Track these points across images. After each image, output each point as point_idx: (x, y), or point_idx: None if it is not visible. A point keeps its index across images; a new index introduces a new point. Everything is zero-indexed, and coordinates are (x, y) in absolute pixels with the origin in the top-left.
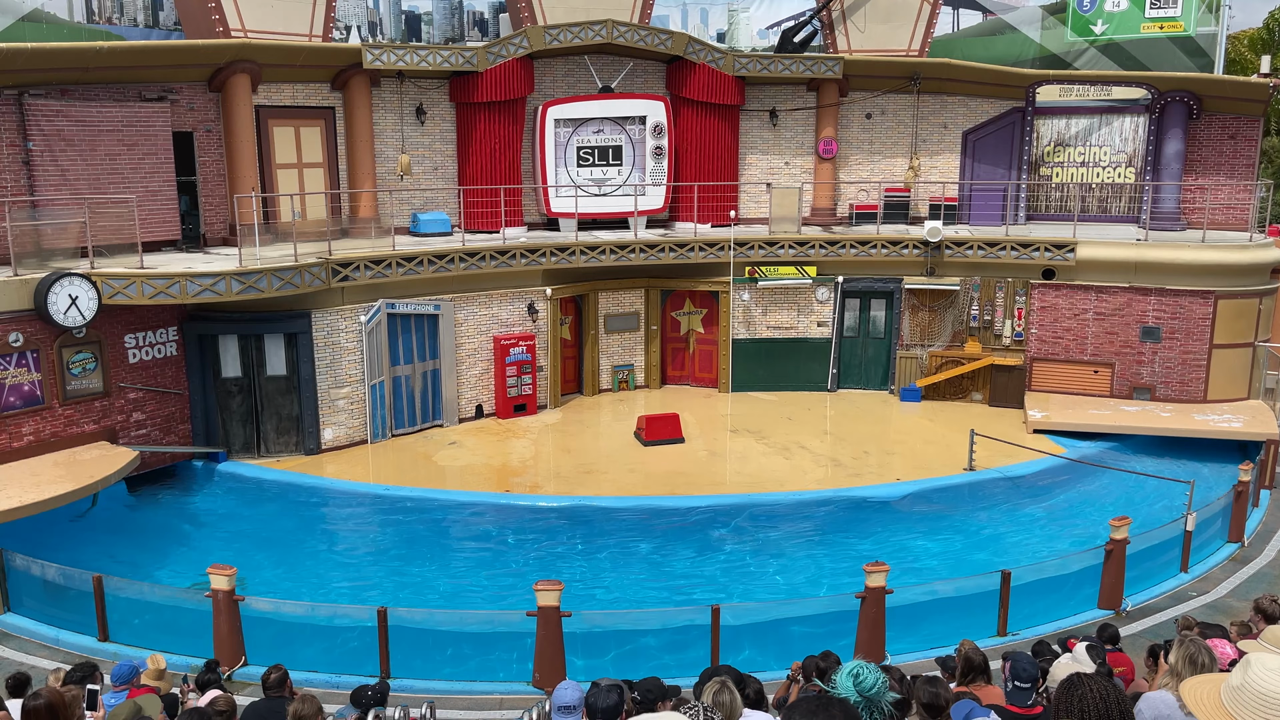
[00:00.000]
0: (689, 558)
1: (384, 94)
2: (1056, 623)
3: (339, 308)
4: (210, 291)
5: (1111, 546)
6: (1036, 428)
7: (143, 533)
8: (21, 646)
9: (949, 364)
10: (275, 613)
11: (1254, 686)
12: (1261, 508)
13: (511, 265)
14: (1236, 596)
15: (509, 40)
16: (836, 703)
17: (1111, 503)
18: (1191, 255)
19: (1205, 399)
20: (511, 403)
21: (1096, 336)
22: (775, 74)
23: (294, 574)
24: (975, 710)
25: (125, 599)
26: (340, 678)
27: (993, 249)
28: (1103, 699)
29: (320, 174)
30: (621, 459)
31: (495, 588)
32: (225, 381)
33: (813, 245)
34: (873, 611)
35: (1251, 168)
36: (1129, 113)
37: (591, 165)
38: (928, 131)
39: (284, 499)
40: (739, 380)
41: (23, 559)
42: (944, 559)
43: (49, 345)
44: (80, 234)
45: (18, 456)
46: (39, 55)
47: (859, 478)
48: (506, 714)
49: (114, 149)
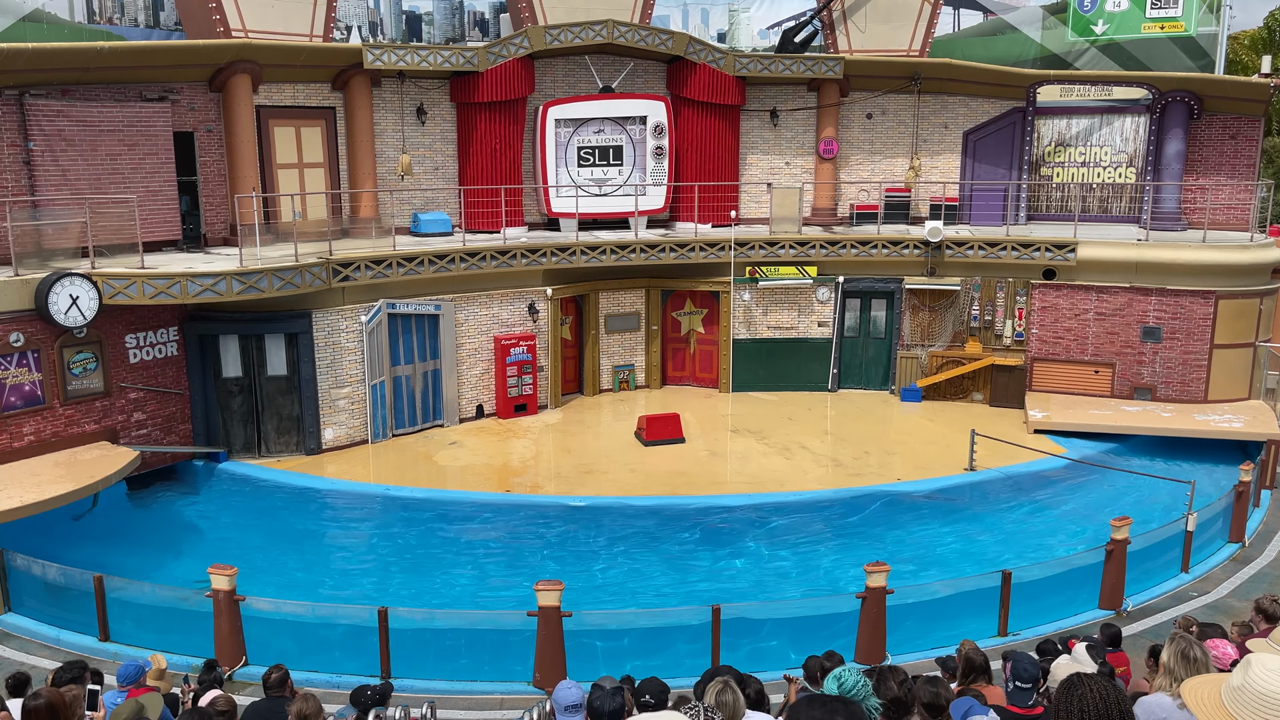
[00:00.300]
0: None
1: (385, 94)
2: (1057, 623)
3: (340, 308)
4: (211, 291)
5: (1112, 547)
6: (1037, 428)
7: (143, 533)
8: (22, 646)
9: (949, 364)
10: (276, 613)
11: (1255, 687)
12: (1262, 508)
13: (512, 265)
14: (1237, 597)
15: (509, 40)
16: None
17: (1112, 503)
18: (1192, 255)
19: (1206, 399)
20: (512, 403)
21: (1097, 337)
22: (776, 74)
23: (295, 574)
24: (975, 708)
25: (126, 599)
26: (341, 678)
27: (993, 249)
28: (1103, 699)
29: (321, 174)
30: (622, 459)
31: (496, 586)
32: (226, 381)
33: (813, 245)
34: (873, 611)
35: (1252, 168)
36: (1130, 113)
37: (592, 165)
38: (928, 131)
39: (284, 499)
40: (739, 380)
41: (23, 559)
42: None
43: (50, 345)
44: (81, 234)
45: (19, 456)
46: (40, 55)
47: (859, 478)
48: (507, 714)
49: (115, 149)
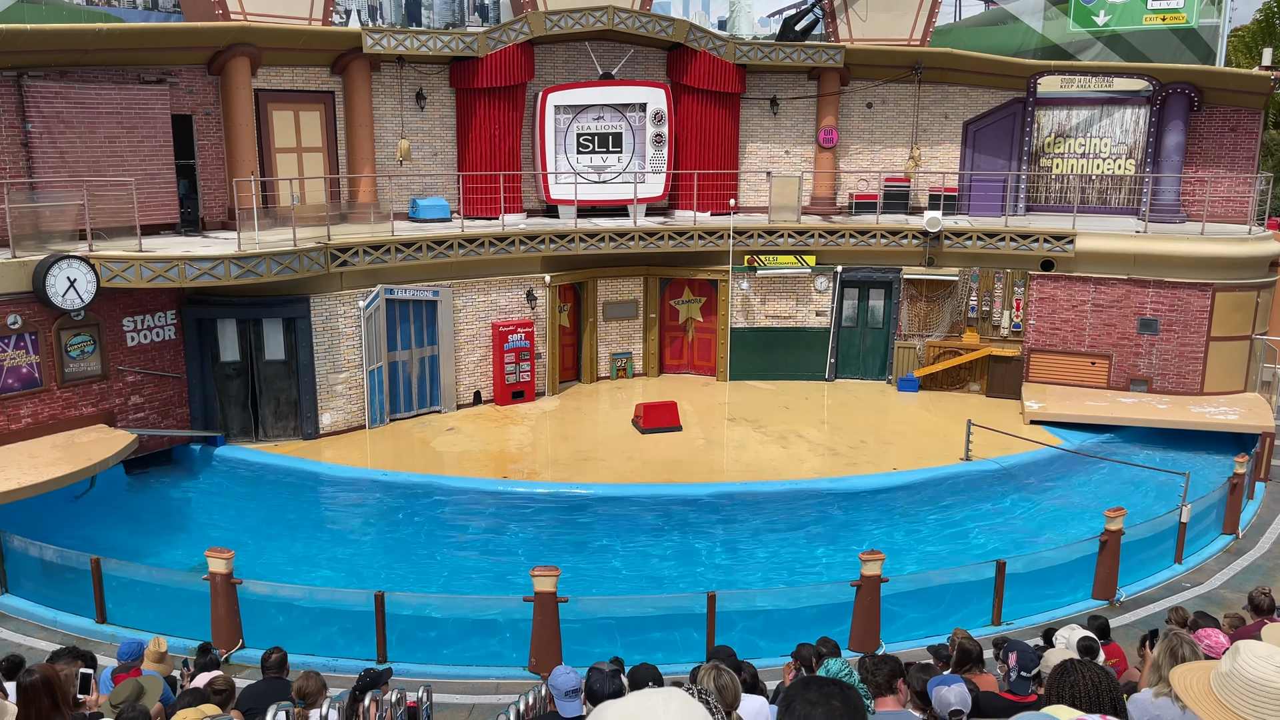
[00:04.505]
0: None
1: (384, 79)
2: (1050, 613)
3: (338, 293)
4: (209, 275)
5: (1106, 537)
6: (1033, 419)
7: (140, 515)
8: (19, 628)
9: (947, 354)
10: (273, 596)
11: (1243, 673)
12: (1256, 500)
13: (510, 252)
14: (1230, 588)
15: (509, 26)
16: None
17: (1106, 494)
18: (1190, 248)
19: (1202, 391)
20: (510, 389)
21: (1094, 328)
22: (776, 62)
23: (292, 558)
24: (944, 679)
25: (123, 581)
26: (337, 661)
27: (992, 240)
28: (1094, 685)
29: (319, 158)
30: (619, 447)
31: (492, 572)
32: (224, 365)
33: (812, 234)
34: (868, 600)
35: (1252, 160)
36: (1130, 104)
37: (591, 152)
38: (928, 121)
39: (282, 483)
40: (737, 369)
41: (21, 540)
42: (962, 545)
43: (47, 328)
44: (79, 216)
45: (16, 438)
46: (38, 37)
47: (855, 467)
48: (503, 698)
49: (113, 131)
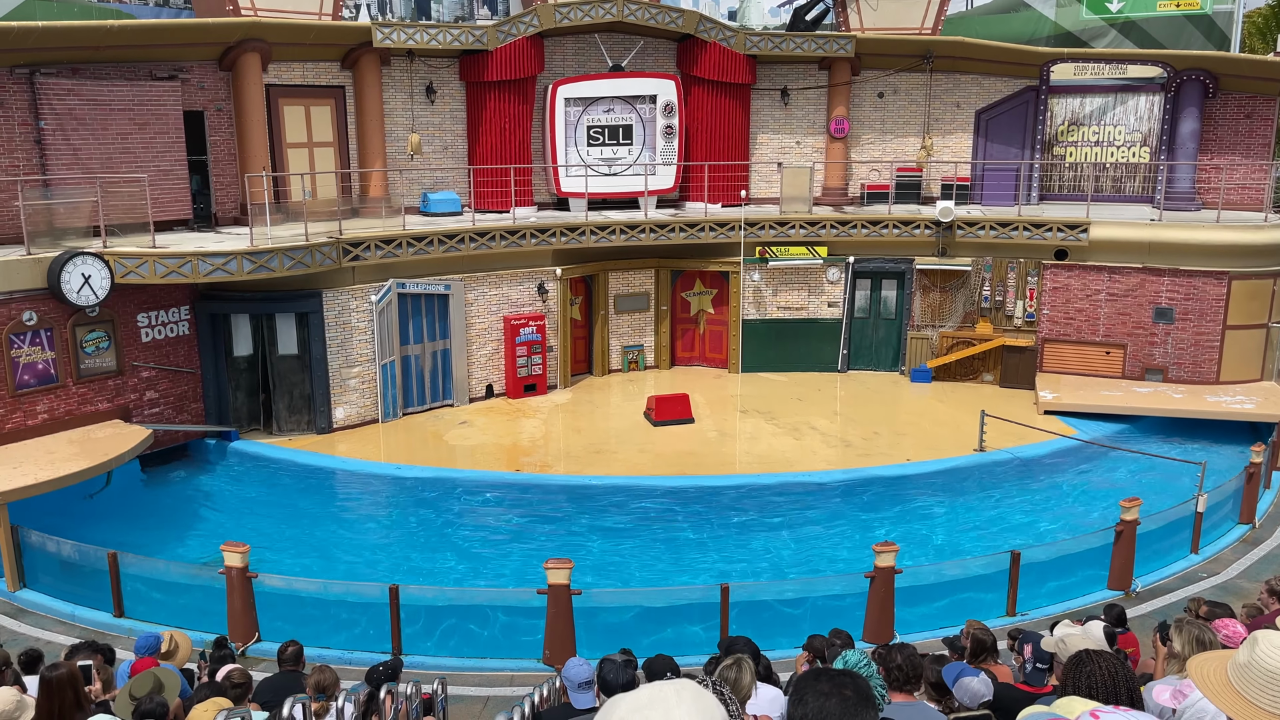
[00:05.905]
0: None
1: (394, 73)
2: (1066, 603)
3: (350, 287)
4: (222, 271)
5: (1122, 528)
6: (1047, 409)
7: (156, 510)
8: (38, 622)
9: (960, 345)
10: (288, 590)
11: (1261, 664)
12: (1273, 489)
13: (521, 245)
14: (1247, 578)
15: (519, 19)
16: (846, 674)
17: (1122, 484)
18: (1206, 236)
19: (1218, 380)
20: (521, 383)
21: (1109, 317)
22: (787, 52)
23: (306, 551)
24: (966, 670)
25: (140, 575)
26: (353, 654)
27: (1005, 229)
28: (1111, 676)
29: (330, 153)
30: (631, 439)
31: (508, 565)
32: (237, 360)
33: (824, 225)
34: (881, 591)
35: (1267, 147)
36: (1144, 91)
37: (602, 145)
38: (940, 110)
39: (296, 477)
40: (749, 361)
41: (38, 536)
42: (976, 536)
43: (63, 324)
44: (92, 213)
45: (33, 434)
46: (50, 34)
47: (869, 458)
48: (517, 690)
49: (125, 128)
